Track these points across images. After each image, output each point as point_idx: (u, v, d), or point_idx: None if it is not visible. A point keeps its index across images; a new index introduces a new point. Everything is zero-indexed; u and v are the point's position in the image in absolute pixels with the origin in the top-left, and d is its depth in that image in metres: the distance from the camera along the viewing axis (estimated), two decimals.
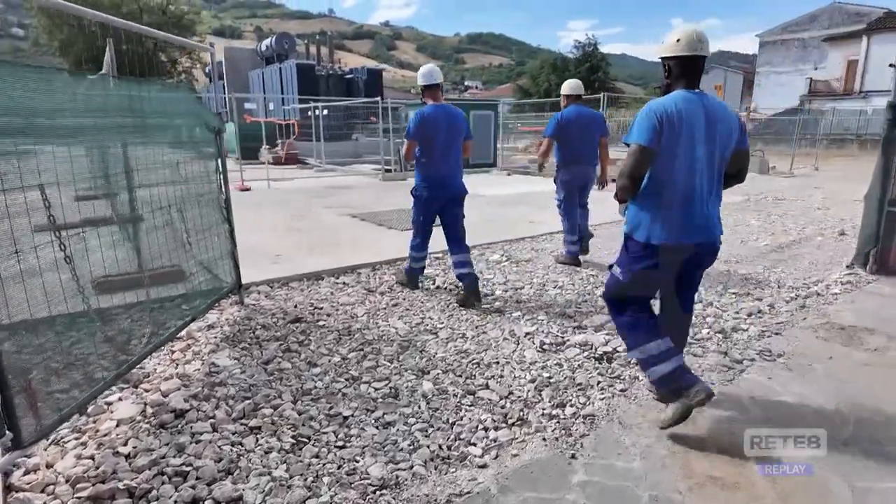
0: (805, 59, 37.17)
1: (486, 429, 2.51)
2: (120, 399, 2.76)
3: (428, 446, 2.38)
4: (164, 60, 44.76)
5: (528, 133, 37.98)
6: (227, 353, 3.28)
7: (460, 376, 3.01)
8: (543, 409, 2.68)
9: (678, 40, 2.32)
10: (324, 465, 2.25)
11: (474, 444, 2.40)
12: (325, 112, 15.78)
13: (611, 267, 2.72)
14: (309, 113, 17.00)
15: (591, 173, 5.20)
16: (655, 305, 2.69)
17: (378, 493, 2.09)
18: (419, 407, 2.69)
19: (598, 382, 2.92)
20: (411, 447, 2.38)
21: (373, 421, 2.57)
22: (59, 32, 39.18)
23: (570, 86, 5.20)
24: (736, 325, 3.70)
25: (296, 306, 4.07)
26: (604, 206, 5.67)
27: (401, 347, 3.36)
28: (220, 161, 3.82)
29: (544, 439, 2.44)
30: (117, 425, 2.53)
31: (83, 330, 2.52)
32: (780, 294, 4.40)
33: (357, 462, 2.27)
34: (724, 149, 2.35)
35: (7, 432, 1.96)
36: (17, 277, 2.06)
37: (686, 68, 2.33)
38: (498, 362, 3.17)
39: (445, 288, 4.51)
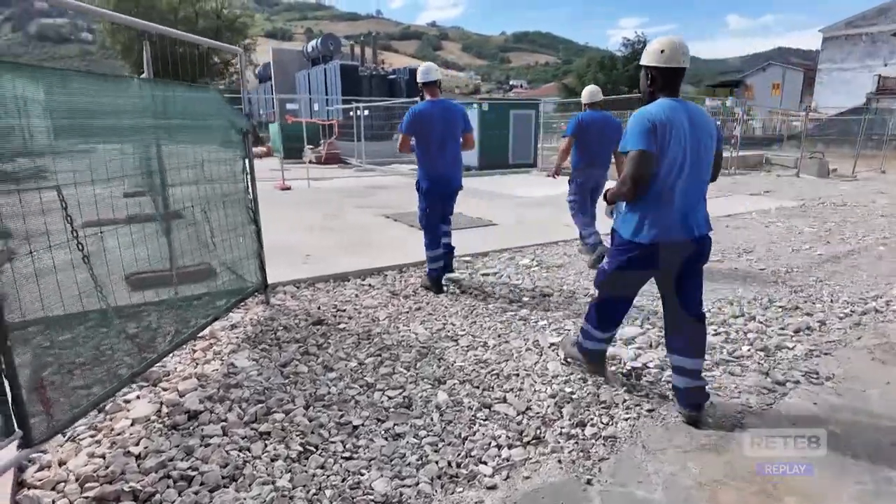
0: (874, 54, 34.85)
1: (499, 446, 2.39)
2: (138, 397, 2.79)
3: (437, 462, 2.28)
4: (217, 62, 46.50)
5: None
6: (247, 354, 3.28)
7: (477, 387, 2.89)
8: (562, 427, 2.53)
9: (662, 51, 2.43)
10: (328, 476, 2.19)
11: (485, 463, 2.29)
12: (366, 112, 15.92)
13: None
14: (351, 113, 17.20)
15: (603, 176, 5.26)
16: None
17: None
18: (432, 419, 2.59)
19: (624, 401, 2.74)
20: (419, 462, 2.28)
21: (383, 432, 2.50)
22: (121, 36, 41.30)
23: (589, 93, 5.30)
24: (780, 343, 3.43)
25: (319, 308, 4.06)
26: None
27: (419, 354, 3.28)
28: (246, 162, 3.84)
29: (560, 461, 2.30)
30: (132, 424, 2.55)
31: (107, 327, 2.56)
32: (832, 309, 4.07)
33: (362, 475, 2.20)
34: (707, 153, 2.48)
35: (17, 430, 1.99)
36: (48, 272, 2.09)
37: (669, 78, 2.46)
38: (518, 374, 3.04)
39: (470, 293, 4.40)
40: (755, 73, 46.09)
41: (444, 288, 4.50)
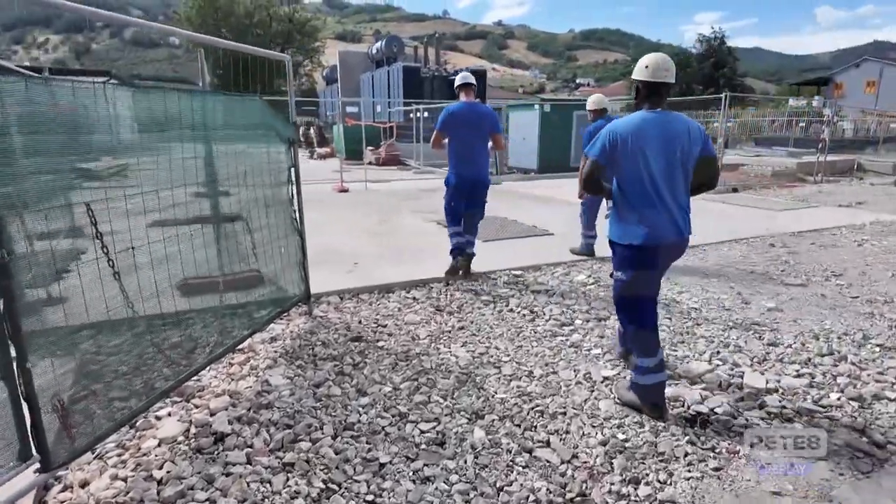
0: None
1: (537, 501, 2.13)
2: (169, 414, 2.74)
3: None
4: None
5: None
6: (283, 371, 3.18)
7: (518, 426, 2.64)
8: (612, 483, 2.23)
9: (647, 67, 2.64)
10: None
11: None
12: (426, 114, 15.86)
13: (612, 275, 3.05)
14: (411, 115, 17.21)
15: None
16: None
17: None
18: (465, 461, 2.37)
19: (686, 455, 2.40)
20: None
21: (411, 473, 2.30)
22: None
23: (595, 101, 5.58)
24: (879, 392, 2.94)
25: (360, 321, 3.92)
26: None
27: (458, 381, 3.06)
28: (292, 171, 3.76)
29: None
30: (158, 445, 2.49)
31: (142, 340, 2.52)
32: None
33: None
34: (684, 160, 2.63)
35: (35, 454, 1.95)
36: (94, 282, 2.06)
37: (651, 92, 2.65)
38: (565, 412, 2.75)
39: (518, 311, 4.12)
40: (846, 69, 42.44)
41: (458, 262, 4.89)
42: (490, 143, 4.83)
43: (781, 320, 3.94)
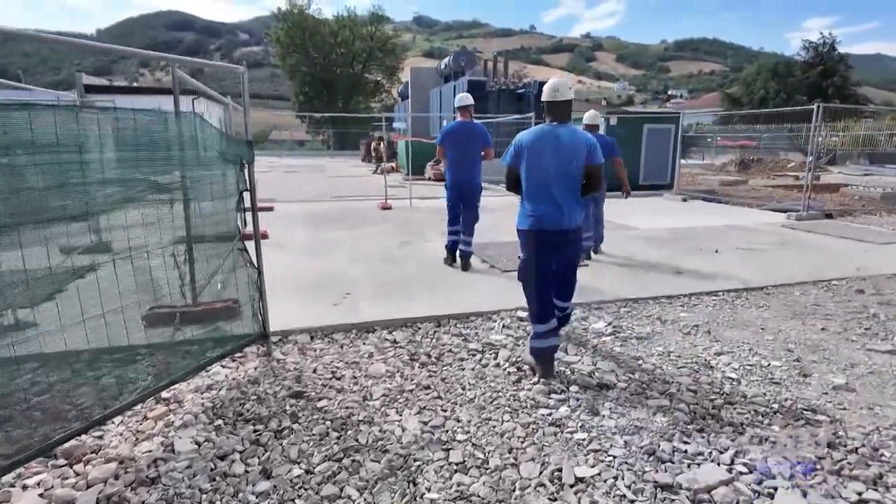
0: None
1: None
2: (38, 484, 2.35)
3: None
4: (369, 81, 49.86)
5: (732, 148, 32.95)
6: (196, 433, 2.72)
7: None
8: None
9: (545, 90, 3.34)
10: None
11: None
12: None
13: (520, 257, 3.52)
14: None
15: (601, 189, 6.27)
16: None
17: None
18: None
19: None
20: None
21: None
22: (289, 59, 46.20)
23: (590, 117, 6.22)
24: None
25: (315, 370, 3.40)
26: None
27: (389, 468, 2.43)
28: (245, 196, 3.34)
29: None
30: None
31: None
32: None
33: None
34: (570, 164, 3.20)
35: None
36: None
37: (548, 109, 3.31)
38: None
39: (504, 369, 3.42)
40: None
41: (454, 262, 5.91)
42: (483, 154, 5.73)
43: (851, 406, 2.93)
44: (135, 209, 2.71)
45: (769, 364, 3.42)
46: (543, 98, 3.33)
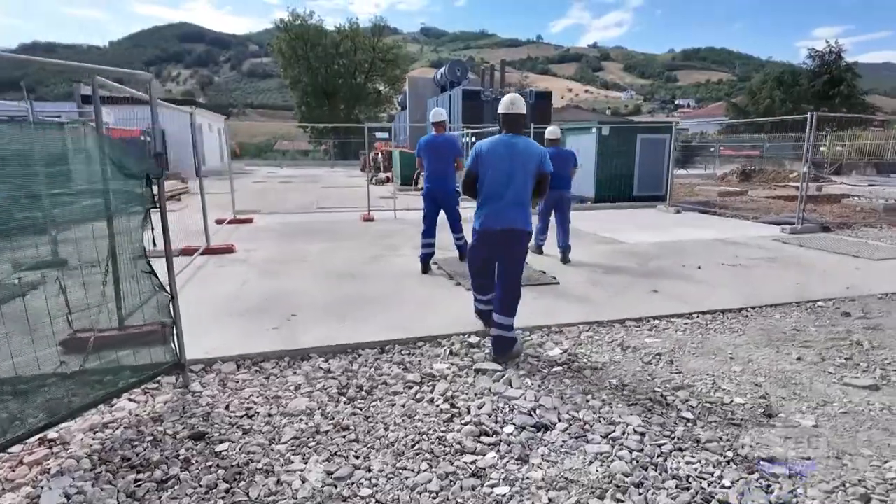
0: None
1: None
2: None
3: None
4: (370, 92, 49.95)
5: (737, 158, 32.45)
6: (69, 484, 2.41)
7: None
8: None
9: (501, 104, 3.71)
10: None
11: None
12: (473, 139, 14.99)
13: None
14: (464, 139, 16.50)
15: (564, 196, 6.68)
16: None
17: None
18: None
19: None
20: None
21: None
22: (291, 70, 46.34)
23: (552, 132, 6.90)
24: None
25: (227, 407, 3.09)
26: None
27: None
28: (150, 215, 3.06)
29: None
30: None
31: None
32: None
33: None
34: (523, 171, 3.56)
35: None
36: None
37: (505, 120, 3.67)
38: None
39: (437, 405, 3.08)
40: None
41: (430, 270, 6.17)
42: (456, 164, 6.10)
43: (817, 455, 2.57)
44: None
45: (731, 401, 3.07)
46: (500, 110, 3.70)
